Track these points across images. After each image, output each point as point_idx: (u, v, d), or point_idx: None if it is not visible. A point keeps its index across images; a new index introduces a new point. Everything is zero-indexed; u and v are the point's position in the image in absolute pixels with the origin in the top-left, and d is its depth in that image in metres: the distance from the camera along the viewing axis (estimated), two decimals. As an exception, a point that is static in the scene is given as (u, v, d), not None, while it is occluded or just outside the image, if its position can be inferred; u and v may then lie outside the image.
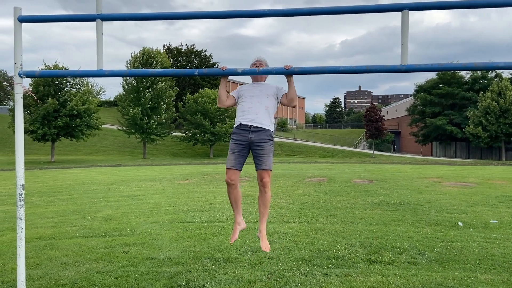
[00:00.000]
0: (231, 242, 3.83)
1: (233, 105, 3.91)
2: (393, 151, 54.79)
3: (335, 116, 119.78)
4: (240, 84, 61.01)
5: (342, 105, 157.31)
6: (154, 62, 34.19)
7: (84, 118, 30.04)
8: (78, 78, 31.64)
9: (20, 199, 3.34)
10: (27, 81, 39.99)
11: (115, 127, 41.57)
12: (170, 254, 5.06)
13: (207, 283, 4.00)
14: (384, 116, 41.59)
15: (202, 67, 43.76)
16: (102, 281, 4.15)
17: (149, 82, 33.65)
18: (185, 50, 49.59)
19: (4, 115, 42.83)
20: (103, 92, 33.77)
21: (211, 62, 49.62)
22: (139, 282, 4.08)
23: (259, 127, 3.66)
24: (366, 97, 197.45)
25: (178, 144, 41.57)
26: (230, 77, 3.79)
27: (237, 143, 3.70)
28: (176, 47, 49.68)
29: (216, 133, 35.02)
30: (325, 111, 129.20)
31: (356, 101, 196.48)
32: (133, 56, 34.75)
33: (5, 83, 59.41)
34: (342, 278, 4.05)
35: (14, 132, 20.58)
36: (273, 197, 10.29)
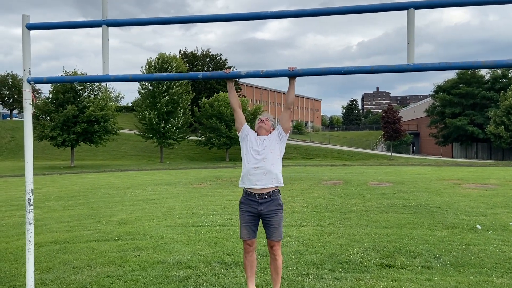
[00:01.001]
0: None
1: (239, 122, 3.87)
2: (412, 152, 53.92)
3: (352, 118, 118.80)
4: (256, 88, 60.60)
5: (360, 107, 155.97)
6: (169, 67, 34.53)
7: (102, 124, 30.49)
8: (96, 84, 32.18)
9: (29, 204, 3.37)
10: (47, 88, 40.72)
11: (132, 132, 42.09)
12: (181, 258, 5.05)
13: (215, 287, 3.97)
14: (401, 117, 40.99)
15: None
16: (112, 285, 4.16)
17: (165, 87, 33.97)
18: (201, 54, 49.94)
19: (20, 121, 43.82)
20: (122, 97, 34.30)
21: (226, 66, 49.80)
22: (148, 286, 4.08)
23: (267, 198, 3.61)
24: (384, 98, 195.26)
25: (194, 148, 41.82)
26: (245, 80, 3.76)
27: (246, 215, 3.69)
28: (192, 52, 50.07)
29: (232, 136, 35.08)
30: (342, 113, 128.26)
31: (374, 103, 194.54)
32: (148, 61, 35.18)
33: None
34: (353, 283, 3.96)
35: (35, 138, 21.06)
36: (287, 200, 10.23)
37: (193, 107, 38.03)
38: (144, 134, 35.32)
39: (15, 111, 65.76)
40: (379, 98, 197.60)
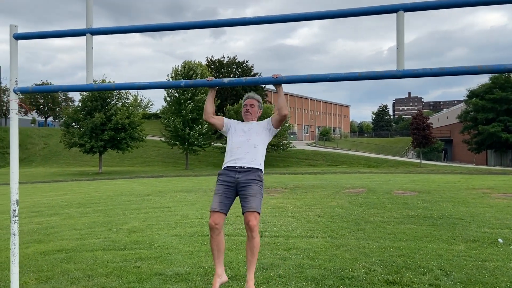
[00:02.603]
0: None
1: (217, 126, 3.76)
2: (444, 160, 52.25)
3: (382, 124, 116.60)
4: (274, 92, 60.60)
5: (391, 113, 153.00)
6: (194, 74, 34.90)
7: (128, 131, 31.09)
8: (124, 92, 32.91)
9: (13, 215, 3.34)
10: (77, 96, 41.88)
11: (159, 139, 42.75)
12: (179, 270, 4.94)
13: (205, 303, 3.83)
14: (431, 123, 39.79)
15: (244, 78, 44.01)
16: (103, 297, 4.08)
17: (190, 94, 34.35)
18: (227, 61, 50.33)
19: (56, 128, 45.28)
20: (151, 105, 34.97)
21: (252, 73, 49.98)
22: (138, 300, 3.97)
23: (246, 167, 3.44)
24: (416, 104, 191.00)
25: (219, 154, 41.99)
26: (271, 87, 3.65)
27: (222, 184, 3.49)
28: (219, 59, 50.54)
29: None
30: (372, 119, 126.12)
31: (405, 108, 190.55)
32: (174, 69, 35.70)
33: (60, 98, 62.99)
34: (350, 302, 3.73)
35: (65, 146, 21.66)
36: (303, 209, 9.99)
37: (218, 114, 38.29)
38: (170, 141, 35.79)
39: (50, 119, 68.15)
40: (411, 104, 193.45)
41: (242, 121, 3.80)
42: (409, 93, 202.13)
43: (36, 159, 46.19)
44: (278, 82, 3.09)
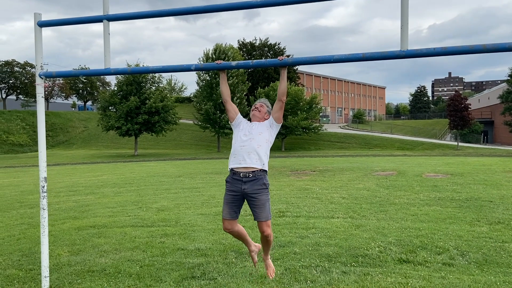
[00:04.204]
0: (255, 266, 4.03)
1: (230, 115, 3.89)
2: (483, 142, 50.26)
3: (420, 106, 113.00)
4: (315, 76, 59.64)
5: (429, 94, 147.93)
6: (226, 58, 35.05)
7: (162, 114, 31.79)
8: (157, 76, 33.57)
9: (42, 191, 3.63)
10: (114, 81, 43.01)
11: (192, 122, 43.46)
12: (200, 246, 5.18)
13: (220, 276, 4.03)
14: (470, 104, 38.27)
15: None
16: (127, 269, 4.37)
17: (222, 78, 34.62)
18: (259, 44, 50.05)
19: (95, 112, 46.83)
20: (185, 88, 35.51)
21: (285, 55, 49.57)
22: (159, 272, 4.24)
23: (251, 177, 3.58)
24: (457, 84, 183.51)
25: (252, 137, 42.25)
26: (304, 69, 3.72)
27: (230, 194, 3.69)
28: (250, 41, 50.35)
29: (287, 125, 34.98)
30: (409, 100, 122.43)
31: (445, 89, 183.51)
32: (205, 52, 35.97)
33: (98, 83, 64.92)
34: (359, 277, 3.83)
35: (102, 129, 22.48)
36: (329, 191, 10.05)
37: (249, 97, 38.39)
38: (202, 124, 36.36)
39: (89, 103, 70.51)
40: (451, 84, 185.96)
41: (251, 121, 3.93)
42: (450, 73, 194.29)
43: (76, 142, 48.15)
44: (283, 64, 3.17)
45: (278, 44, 48.92)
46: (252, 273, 4.07)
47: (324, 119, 61.09)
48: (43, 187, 3.61)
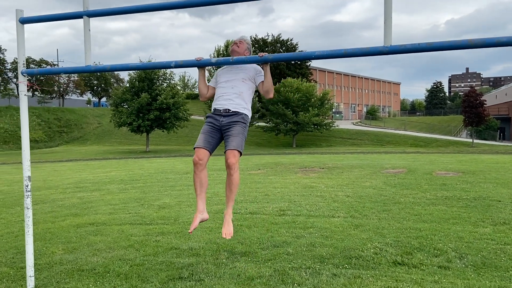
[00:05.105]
0: (190, 231, 3.65)
1: (212, 91, 3.79)
2: (500, 139, 49.21)
3: (436, 102, 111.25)
4: (328, 72, 58.89)
5: (446, 90, 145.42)
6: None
7: (173, 111, 31.88)
8: (169, 73, 33.68)
9: (26, 190, 3.60)
10: (127, 77, 43.15)
11: (203, 119, 43.52)
12: (193, 245, 5.12)
13: (207, 277, 3.96)
14: (485, 100, 37.45)
15: (288, 57, 43.32)
16: (117, 268, 4.34)
17: (232, 74, 34.60)
18: (271, 40, 49.85)
19: (109, 109, 47.20)
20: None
21: (297, 51, 49.26)
22: (147, 272, 4.19)
23: (231, 111, 3.52)
24: (474, 80, 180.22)
25: (262, 134, 42.15)
26: (317, 65, 3.60)
27: (208, 125, 3.63)
28: (262, 37, 50.17)
29: (299, 122, 34.75)
30: (425, 96, 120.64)
31: (462, 85, 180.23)
32: (216, 48, 35.95)
33: (112, 80, 65.54)
34: (348, 280, 3.71)
35: (115, 125, 22.57)
36: (334, 189, 9.91)
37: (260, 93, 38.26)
38: (213, 121, 36.32)
39: (103, 100, 71.27)
40: (469, 80, 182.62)
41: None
42: (467, 69, 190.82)
43: (90, 138, 48.68)
44: (264, 60, 3.07)
45: (291, 40, 48.67)
46: (240, 274, 3.98)
47: (337, 115, 60.58)
48: (27, 186, 3.58)
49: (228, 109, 3.53)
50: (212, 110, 3.68)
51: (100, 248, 5.20)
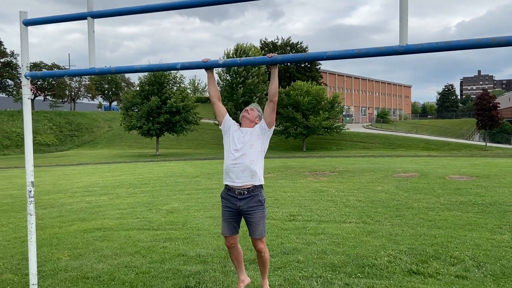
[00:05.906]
0: None
1: (218, 117, 3.71)
2: (514, 142, 48.35)
3: (447, 105, 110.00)
4: (338, 75, 58.50)
5: (458, 92, 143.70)
6: (247, 57, 34.82)
7: (182, 114, 31.89)
8: (179, 76, 33.74)
9: (29, 196, 3.51)
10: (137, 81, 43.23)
11: (213, 122, 43.51)
12: (201, 252, 4.99)
13: (215, 286, 3.83)
14: (499, 103, 36.84)
15: (297, 60, 43.04)
16: (122, 276, 4.23)
17: (242, 78, 34.48)
18: (281, 43, 49.70)
19: (120, 112, 47.53)
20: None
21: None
22: (153, 280, 4.07)
23: (246, 194, 3.44)
24: (486, 82, 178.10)
25: (272, 137, 41.81)
26: (327, 68, 3.43)
27: (227, 210, 3.56)
28: (272, 41, 50.06)
29: (309, 126, 34.51)
30: (436, 99, 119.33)
31: (474, 87, 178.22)
32: (226, 52, 35.91)
33: (123, 83, 65.96)
34: (361, 292, 3.55)
35: (125, 129, 22.51)
36: (345, 193, 9.73)
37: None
38: (223, 124, 36.25)
39: (114, 103, 71.75)
40: (481, 83, 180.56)
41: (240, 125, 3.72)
42: (479, 71, 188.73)
43: (101, 141, 48.99)
44: (273, 62, 2.93)
45: (301, 43, 48.50)
46: (248, 284, 3.84)
47: (348, 118, 60.17)
48: (30, 191, 3.49)
49: (243, 192, 3.45)
50: (224, 186, 3.59)
51: (106, 254, 5.10)
